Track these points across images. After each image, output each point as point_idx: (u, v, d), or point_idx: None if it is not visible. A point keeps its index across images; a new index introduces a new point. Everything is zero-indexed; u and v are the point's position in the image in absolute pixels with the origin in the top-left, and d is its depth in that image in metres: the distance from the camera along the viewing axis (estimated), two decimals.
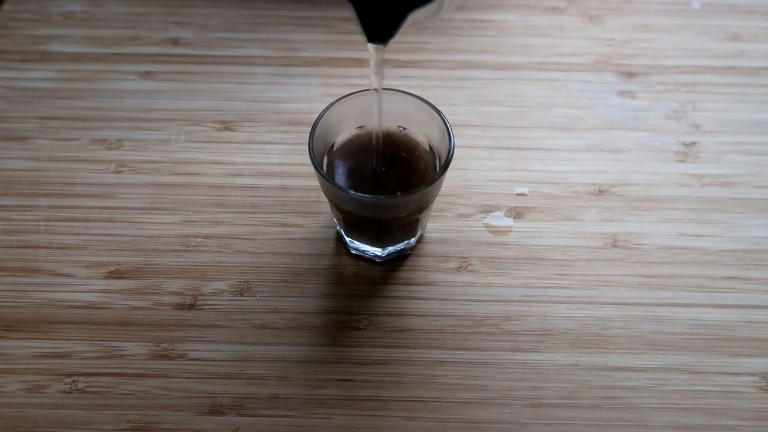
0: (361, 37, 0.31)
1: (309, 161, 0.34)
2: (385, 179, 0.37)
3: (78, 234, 0.41)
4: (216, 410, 0.35)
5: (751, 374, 0.36)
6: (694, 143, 0.45)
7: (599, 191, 0.43)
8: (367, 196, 0.34)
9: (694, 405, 0.35)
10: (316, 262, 0.40)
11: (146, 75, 0.49)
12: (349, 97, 0.36)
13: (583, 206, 0.42)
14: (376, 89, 0.34)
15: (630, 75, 0.49)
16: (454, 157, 0.35)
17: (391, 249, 0.39)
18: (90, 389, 0.35)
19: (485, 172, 0.44)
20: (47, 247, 0.40)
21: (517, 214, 0.42)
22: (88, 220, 0.41)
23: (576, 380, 0.36)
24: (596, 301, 0.38)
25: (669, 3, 0.53)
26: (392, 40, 0.30)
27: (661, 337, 0.37)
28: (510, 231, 0.41)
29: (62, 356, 0.36)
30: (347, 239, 0.39)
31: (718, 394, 0.35)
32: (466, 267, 0.40)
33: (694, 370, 0.36)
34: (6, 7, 0.53)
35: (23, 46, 0.50)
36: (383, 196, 0.34)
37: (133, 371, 0.36)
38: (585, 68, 0.49)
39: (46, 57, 0.50)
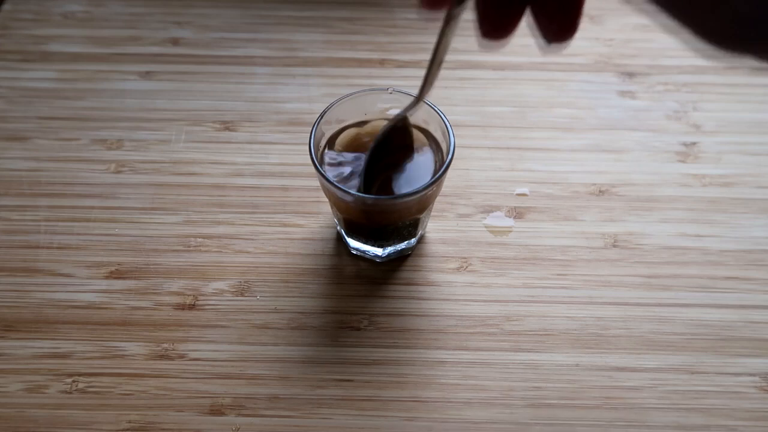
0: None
1: (309, 161, 0.34)
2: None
3: (78, 234, 0.41)
4: (216, 410, 0.34)
5: (751, 374, 0.36)
6: (694, 143, 0.45)
7: (600, 191, 0.43)
8: (368, 196, 0.34)
9: (695, 405, 0.35)
10: (316, 262, 0.40)
11: (146, 75, 0.49)
12: (349, 96, 0.36)
13: (584, 206, 0.42)
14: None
15: (630, 75, 0.49)
16: (454, 157, 0.35)
17: (391, 249, 0.39)
18: (90, 389, 0.35)
19: (485, 172, 0.44)
20: (48, 247, 0.40)
21: (517, 214, 0.42)
22: (88, 220, 0.41)
23: (576, 380, 0.36)
24: (597, 302, 0.38)
25: None
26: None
27: (661, 337, 0.37)
28: (510, 231, 0.41)
29: (63, 356, 0.36)
30: (347, 239, 0.39)
31: (719, 394, 0.35)
32: (467, 267, 0.40)
33: (694, 370, 0.36)
34: (6, 7, 0.53)
35: (23, 46, 0.50)
36: (384, 197, 0.34)
37: (133, 371, 0.36)
38: (585, 68, 0.49)
39: (46, 57, 0.50)
